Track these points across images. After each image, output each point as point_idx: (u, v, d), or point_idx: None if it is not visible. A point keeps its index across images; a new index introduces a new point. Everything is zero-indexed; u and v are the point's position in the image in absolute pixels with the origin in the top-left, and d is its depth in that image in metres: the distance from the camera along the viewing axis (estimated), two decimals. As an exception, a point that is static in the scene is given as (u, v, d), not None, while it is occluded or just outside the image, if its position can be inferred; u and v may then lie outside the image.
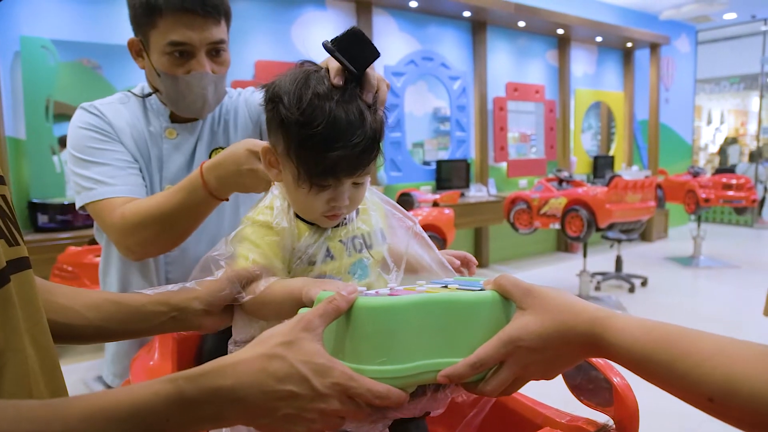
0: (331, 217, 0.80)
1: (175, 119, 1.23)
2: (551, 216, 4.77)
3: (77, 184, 1.12)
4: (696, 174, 6.22)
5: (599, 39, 7.01)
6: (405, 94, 5.45)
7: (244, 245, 0.80)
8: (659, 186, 6.41)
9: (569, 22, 6.17)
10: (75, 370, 3.31)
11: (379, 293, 0.65)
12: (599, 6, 7.14)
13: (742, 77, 10.40)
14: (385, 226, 0.90)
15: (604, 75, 7.53)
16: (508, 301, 0.64)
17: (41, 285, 0.70)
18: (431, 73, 5.68)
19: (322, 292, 0.63)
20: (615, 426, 0.73)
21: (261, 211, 0.82)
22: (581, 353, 0.60)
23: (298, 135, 0.73)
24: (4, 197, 0.53)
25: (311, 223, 0.81)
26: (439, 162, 5.66)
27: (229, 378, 0.53)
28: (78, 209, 1.14)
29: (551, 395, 0.91)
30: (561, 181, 5.00)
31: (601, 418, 0.75)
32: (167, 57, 1.12)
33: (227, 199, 1.05)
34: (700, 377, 0.48)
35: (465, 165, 5.81)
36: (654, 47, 7.75)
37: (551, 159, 6.79)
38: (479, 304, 0.63)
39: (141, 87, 1.26)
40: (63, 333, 0.72)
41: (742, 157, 10.19)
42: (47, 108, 3.68)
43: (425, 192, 5.19)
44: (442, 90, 5.88)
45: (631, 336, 0.54)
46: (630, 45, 7.46)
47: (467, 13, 5.68)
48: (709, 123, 11.71)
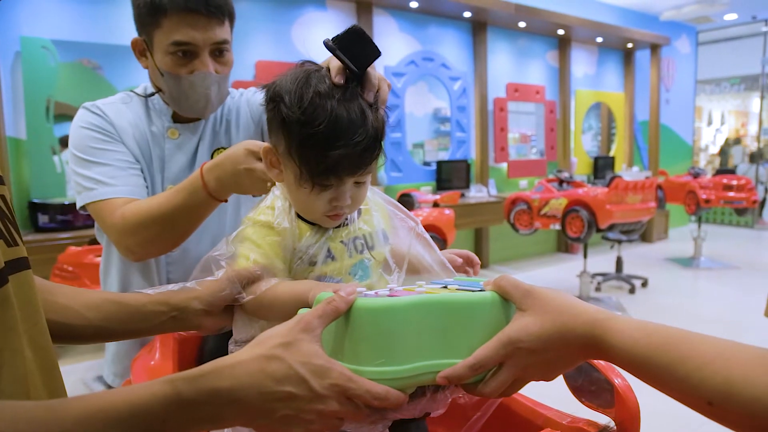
0: (333, 217, 0.79)
1: (178, 119, 1.24)
2: (551, 217, 4.77)
3: (78, 184, 1.12)
4: (696, 175, 6.21)
5: (600, 40, 7.01)
6: (405, 94, 5.45)
7: (245, 245, 0.79)
8: (660, 187, 6.41)
9: (570, 22, 6.17)
10: (75, 370, 3.31)
11: (379, 294, 0.64)
12: (600, 7, 7.14)
13: (742, 78, 10.40)
14: (388, 226, 0.89)
15: (604, 76, 7.53)
16: (507, 302, 0.64)
17: (41, 285, 0.70)
18: (432, 74, 5.68)
19: (321, 292, 0.63)
20: (616, 427, 0.73)
21: (262, 211, 0.81)
22: (581, 355, 0.60)
23: (299, 134, 0.73)
24: (3, 198, 0.53)
25: (313, 224, 0.81)
26: (440, 162, 5.66)
27: (228, 379, 0.53)
28: (78, 209, 1.14)
29: (552, 396, 0.91)
30: (561, 182, 5.00)
31: (602, 419, 0.75)
32: (171, 57, 1.12)
33: (226, 201, 1.05)
34: (700, 381, 0.48)
35: (465, 165, 5.81)
36: (654, 48, 7.75)
37: (551, 160, 6.79)
38: (479, 305, 0.63)
39: (144, 87, 1.26)
40: (63, 333, 0.72)
41: (745, 158, 10.19)
42: (48, 108, 3.68)
43: (425, 192, 5.19)
44: (442, 90, 5.88)
45: (631, 338, 0.54)
46: (630, 46, 7.46)
47: (468, 14, 5.68)
48: (710, 124, 11.71)
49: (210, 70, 1.14)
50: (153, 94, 1.23)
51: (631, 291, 4.95)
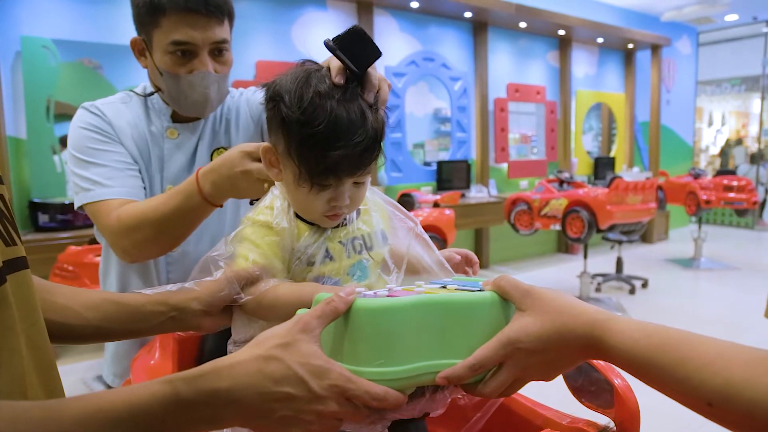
0: (332, 217, 0.79)
1: (177, 119, 1.23)
2: (552, 217, 4.77)
3: (76, 184, 1.12)
4: (697, 176, 6.21)
5: (600, 40, 7.01)
6: (406, 94, 5.45)
7: (244, 245, 0.79)
8: (660, 187, 6.41)
9: (570, 23, 6.17)
10: (74, 369, 3.30)
11: (378, 294, 0.64)
12: (600, 7, 7.14)
13: (743, 79, 10.38)
14: (387, 227, 0.89)
15: (605, 76, 7.53)
16: (507, 303, 0.64)
17: (40, 285, 0.70)
18: (432, 74, 5.68)
19: (320, 293, 0.63)
20: (616, 428, 0.72)
21: (261, 211, 0.81)
22: (580, 355, 0.60)
23: (299, 134, 0.72)
24: (2, 197, 0.53)
25: (311, 224, 0.81)
26: (440, 163, 5.66)
27: (226, 379, 0.53)
28: (76, 209, 1.14)
29: (552, 396, 0.91)
30: (562, 182, 5.00)
31: (602, 419, 0.75)
32: (170, 56, 1.12)
33: (221, 206, 1.04)
34: (699, 382, 0.48)
35: (466, 166, 5.81)
36: (655, 48, 7.75)
37: (552, 160, 6.79)
38: (478, 305, 0.63)
39: (143, 86, 1.26)
40: (62, 333, 0.72)
41: (746, 159, 10.19)
42: (48, 108, 3.68)
43: (426, 193, 5.19)
44: (442, 91, 5.88)
45: (631, 339, 0.54)
46: (631, 46, 7.46)
47: (468, 14, 5.68)
48: (710, 125, 11.69)
49: (209, 69, 1.14)
50: (152, 93, 1.23)
51: (632, 292, 4.95)
